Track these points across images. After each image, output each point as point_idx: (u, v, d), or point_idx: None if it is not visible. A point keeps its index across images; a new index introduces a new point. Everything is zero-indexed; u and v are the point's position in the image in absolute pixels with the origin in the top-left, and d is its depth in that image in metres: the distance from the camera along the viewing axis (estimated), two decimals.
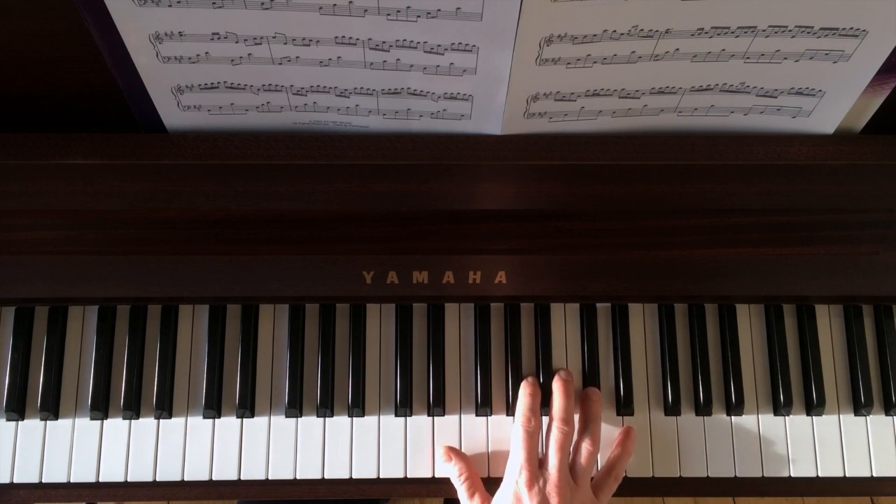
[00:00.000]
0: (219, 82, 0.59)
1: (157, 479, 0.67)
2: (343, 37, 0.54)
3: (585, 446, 0.65)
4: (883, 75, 0.58)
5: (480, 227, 0.65)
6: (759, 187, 0.63)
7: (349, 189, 0.63)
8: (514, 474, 0.63)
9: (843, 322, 0.72)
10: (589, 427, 0.67)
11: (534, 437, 0.65)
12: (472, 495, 0.65)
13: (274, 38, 0.54)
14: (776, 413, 0.70)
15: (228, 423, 0.68)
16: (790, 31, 0.54)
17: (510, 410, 0.69)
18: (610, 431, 0.69)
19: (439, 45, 0.54)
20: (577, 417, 0.68)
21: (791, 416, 0.70)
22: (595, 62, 0.56)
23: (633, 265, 0.66)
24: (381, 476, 0.68)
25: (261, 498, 0.68)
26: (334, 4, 0.51)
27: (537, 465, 0.64)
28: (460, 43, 0.54)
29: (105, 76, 0.59)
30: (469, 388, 0.70)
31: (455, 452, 0.67)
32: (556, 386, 0.67)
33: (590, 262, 0.66)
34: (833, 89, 0.60)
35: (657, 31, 0.53)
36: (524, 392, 0.67)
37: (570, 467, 0.65)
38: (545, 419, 0.68)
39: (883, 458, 0.69)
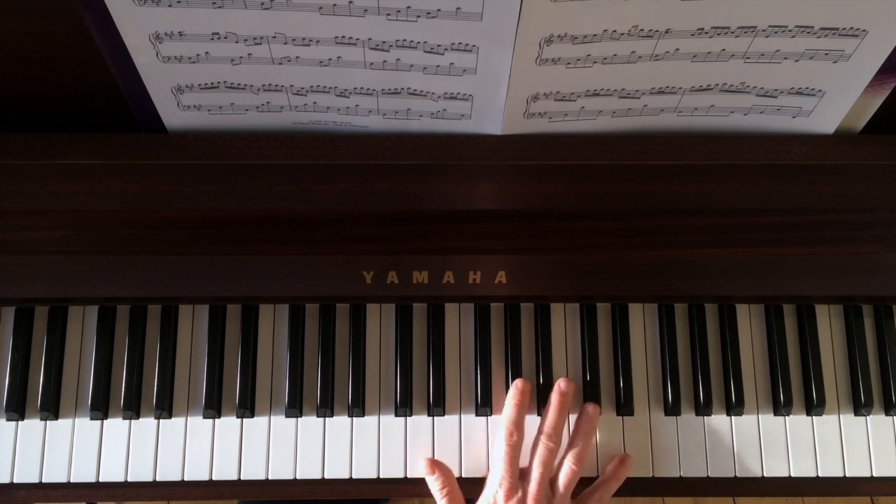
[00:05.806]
0: (219, 82, 0.59)
1: (157, 479, 0.67)
2: (343, 37, 0.54)
3: (569, 464, 0.64)
4: (883, 75, 0.58)
5: (480, 227, 0.65)
6: (759, 187, 0.63)
7: (349, 189, 0.63)
8: (494, 485, 0.63)
9: (843, 322, 0.72)
10: (577, 444, 0.65)
11: (516, 450, 0.64)
12: None
13: (274, 38, 0.54)
14: (776, 413, 0.70)
15: (228, 423, 0.68)
16: (790, 31, 0.54)
17: None
18: (610, 433, 0.69)
19: (439, 45, 0.54)
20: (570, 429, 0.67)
21: (791, 416, 0.70)
22: (595, 62, 0.56)
23: (633, 265, 0.66)
24: (381, 476, 0.68)
25: (261, 498, 0.68)
26: (334, 4, 0.51)
27: (517, 477, 0.64)
28: (460, 43, 0.54)
29: (105, 76, 0.59)
30: (469, 387, 0.70)
31: (438, 465, 0.66)
32: (552, 398, 0.66)
33: (590, 262, 0.66)
34: (833, 89, 0.60)
35: (657, 31, 0.53)
36: (510, 402, 0.66)
37: (551, 483, 0.64)
38: (532, 428, 0.67)
39: (883, 458, 0.69)
